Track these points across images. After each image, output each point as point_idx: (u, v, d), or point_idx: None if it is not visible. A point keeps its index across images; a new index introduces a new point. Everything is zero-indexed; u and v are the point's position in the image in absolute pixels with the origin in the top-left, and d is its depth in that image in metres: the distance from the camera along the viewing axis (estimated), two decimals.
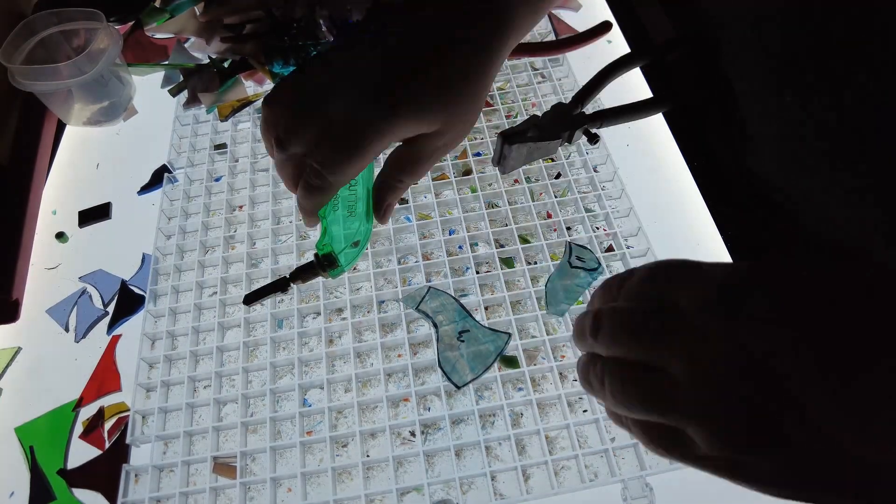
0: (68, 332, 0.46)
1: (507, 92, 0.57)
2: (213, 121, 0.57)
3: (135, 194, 0.53)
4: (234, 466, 0.39)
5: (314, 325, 0.44)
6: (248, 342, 0.43)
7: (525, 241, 0.46)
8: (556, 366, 0.40)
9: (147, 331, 0.44)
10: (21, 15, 0.59)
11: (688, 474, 0.36)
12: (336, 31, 0.61)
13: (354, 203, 0.37)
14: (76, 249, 0.51)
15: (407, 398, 0.40)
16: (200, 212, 0.51)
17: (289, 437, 0.40)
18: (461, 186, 0.50)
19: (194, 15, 0.65)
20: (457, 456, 0.38)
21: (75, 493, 0.38)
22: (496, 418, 0.39)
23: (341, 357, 0.43)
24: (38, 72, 0.50)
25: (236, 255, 0.48)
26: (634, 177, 0.49)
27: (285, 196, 0.52)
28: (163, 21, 0.65)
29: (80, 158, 0.57)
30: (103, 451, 0.40)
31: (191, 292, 0.47)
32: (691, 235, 0.46)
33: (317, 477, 0.38)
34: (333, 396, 0.41)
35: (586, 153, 0.51)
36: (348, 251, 0.37)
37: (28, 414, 0.42)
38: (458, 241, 0.47)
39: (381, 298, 0.45)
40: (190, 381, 0.42)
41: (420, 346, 0.43)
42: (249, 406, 0.42)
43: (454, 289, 0.44)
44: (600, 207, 0.48)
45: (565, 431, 0.38)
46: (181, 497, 0.37)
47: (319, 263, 0.36)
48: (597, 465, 0.37)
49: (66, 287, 0.48)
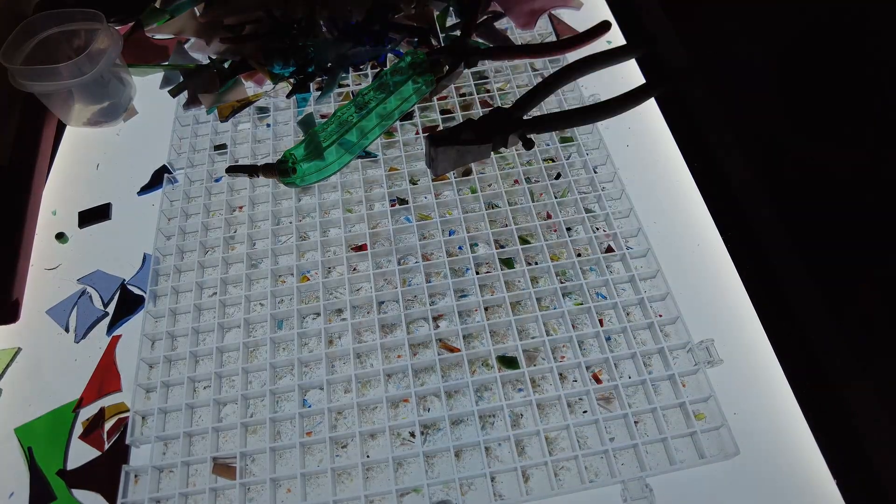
0: (68, 332, 0.46)
1: (507, 92, 0.57)
2: (213, 121, 0.57)
3: (135, 195, 0.53)
4: (234, 467, 0.39)
5: (314, 325, 0.44)
6: (247, 343, 0.43)
7: (525, 242, 0.46)
8: (556, 366, 0.40)
9: (147, 331, 0.44)
10: (21, 15, 0.59)
11: (688, 475, 0.36)
12: (336, 32, 0.61)
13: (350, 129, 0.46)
14: (76, 250, 0.51)
15: (406, 399, 0.40)
16: (200, 212, 0.51)
17: (288, 438, 0.40)
18: (461, 187, 0.50)
19: (194, 16, 0.65)
20: (456, 457, 0.38)
21: (75, 494, 0.38)
22: (496, 419, 0.39)
23: (341, 358, 0.43)
24: (38, 72, 0.50)
25: (236, 256, 0.48)
26: (634, 177, 0.49)
27: (285, 196, 0.52)
28: (163, 22, 0.65)
29: (81, 159, 0.57)
30: (103, 452, 0.40)
31: (190, 293, 0.47)
32: (691, 235, 0.46)
33: (316, 478, 0.38)
34: (333, 397, 0.41)
35: (586, 153, 0.51)
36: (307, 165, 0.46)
37: (28, 414, 0.42)
38: (458, 241, 0.47)
39: (381, 299, 0.45)
40: (190, 382, 0.42)
41: (420, 346, 0.43)
42: (249, 407, 0.42)
43: (454, 289, 0.44)
44: (600, 208, 0.48)
45: (565, 432, 0.38)
46: (181, 498, 0.37)
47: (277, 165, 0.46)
48: (597, 466, 0.37)
49: (66, 287, 0.48)
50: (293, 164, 0.46)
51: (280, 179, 0.48)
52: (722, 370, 0.39)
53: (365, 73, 0.60)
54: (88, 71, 0.51)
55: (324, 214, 0.50)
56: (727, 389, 0.38)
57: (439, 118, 0.55)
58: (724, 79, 0.47)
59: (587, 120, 0.49)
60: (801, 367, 0.39)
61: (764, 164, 0.43)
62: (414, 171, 0.52)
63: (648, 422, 0.38)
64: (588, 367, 0.41)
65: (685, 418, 0.38)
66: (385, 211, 0.49)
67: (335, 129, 0.47)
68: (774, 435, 0.37)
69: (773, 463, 0.36)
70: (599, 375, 0.40)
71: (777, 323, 0.41)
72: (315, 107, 0.57)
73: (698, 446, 0.37)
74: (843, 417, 0.37)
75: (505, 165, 0.52)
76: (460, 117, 0.55)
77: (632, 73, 0.56)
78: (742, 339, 0.41)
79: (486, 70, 0.59)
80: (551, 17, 0.63)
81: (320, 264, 0.47)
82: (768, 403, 0.38)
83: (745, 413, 0.38)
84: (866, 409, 0.36)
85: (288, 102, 0.58)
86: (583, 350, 0.41)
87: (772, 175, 0.42)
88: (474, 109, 0.55)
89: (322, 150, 0.46)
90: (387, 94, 0.50)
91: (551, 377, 0.41)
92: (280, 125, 0.57)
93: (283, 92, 0.59)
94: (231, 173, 0.48)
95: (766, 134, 0.43)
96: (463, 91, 0.57)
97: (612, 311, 0.43)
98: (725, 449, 0.36)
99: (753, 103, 0.44)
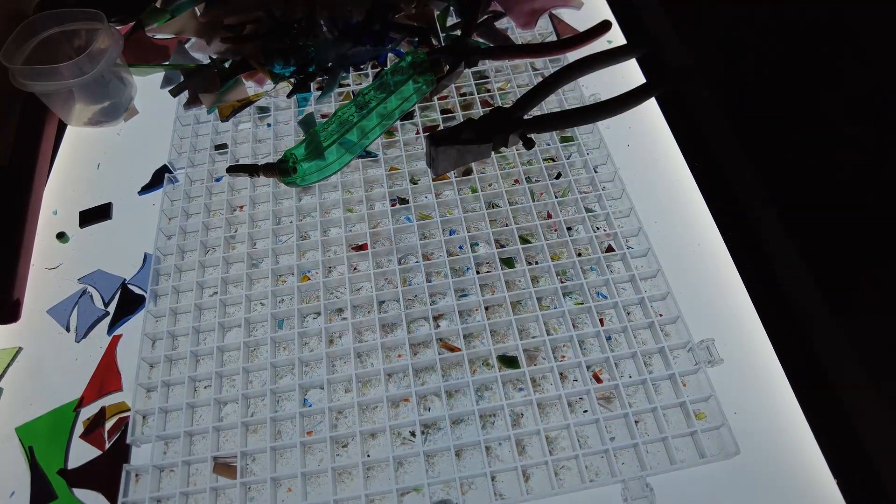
0: (69, 332, 0.46)
1: (507, 92, 0.57)
2: (214, 121, 0.57)
3: (135, 194, 0.53)
4: (235, 466, 0.39)
5: (314, 325, 0.44)
6: (248, 342, 0.43)
7: (525, 242, 0.46)
8: (556, 366, 0.40)
9: (147, 331, 0.45)
10: (22, 15, 0.59)
11: (689, 475, 0.36)
12: (337, 32, 0.61)
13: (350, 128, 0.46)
14: (77, 250, 0.51)
15: (407, 398, 0.40)
16: (201, 212, 0.51)
17: (289, 438, 0.40)
18: (461, 187, 0.50)
19: (195, 15, 0.65)
20: (457, 456, 0.38)
21: (76, 493, 0.38)
22: (496, 418, 0.39)
23: (341, 357, 0.43)
24: (39, 72, 0.50)
25: (237, 256, 0.48)
26: (635, 177, 0.49)
27: (286, 196, 0.52)
28: (163, 21, 0.65)
29: (81, 159, 0.57)
30: (104, 451, 0.40)
31: (191, 292, 0.47)
32: (691, 235, 0.46)
33: (317, 477, 0.38)
34: (333, 396, 0.41)
35: (587, 153, 0.51)
36: (308, 165, 0.46)
37: (28, 414, 0.42)
38: (459, 241, 0.47)
39: (382, 299, 0.45)
40: (190, 381, 0.42)
41: (420, 346, 0.43)
42: (249, 406, 0.42)
43: (455, 289, 0.44)
44: (601, 207, 0.48)
45: (565, 432, 0.38)
46: (181, 497, 0.37)
47: (277, 164, 0.46)
48: (597, 466, 0.37)
49: (67, 287, 0.48)
50: (294, 164, 0.46)
51: (281, 179, 0.48)
52: (722, 370, 0.39)
53: (365, 72, 0.60)
54: (89, 71, 0.51)
55: (324, 214, 0.50)
56: (727, 389, 0.38)
57: (440, 118, 0.55)
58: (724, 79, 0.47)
59: (587, 120, 0.49)
60: (801, 367, 0.39)
61: (764, 164, 0.43)
62: (414, 171, 0.52)
63: (649, 421, 0.38)
64: (588, 366, 0.41)
65: (685, 418, 0.38)
66: (386, 210, 0.49)
67: (336, 128, 0.47)
68: (774, 435, 0.37)
69: (773, 463, 0.36)
70: (600, 375, 0.40)
71: (777, 323, 0.41)
72: (315, 106, 0.57)
73: (699, 446, 0.37)
74: (843, 417, 0.37)
75: (505, 165, 0.52)
76: (461, 117, 0.55)
77: (632, 73, 0.56)
78: (742, 339, 0.41)
79: (486, 70, 0.59)
80: (552, 17, 0.63)
81: (321, 264, 0.47)
82: (768, 403, 0.38)
83: (746, 413, 0.38)
84: (866, 409, 0.36)
85: (288, 102, 0.58)
86: (583, 349, 0.41)
87: (772, 175, 0.42)
88: (475, 109, 0.55)
89: (322, 150, 0.47)
90: (387, 93, 0.50)
91: (552, 377, 0.41)
92: (280, 125, 0.57)
93: (284, 92, 0.59)
94: (232, 173, 0.48)
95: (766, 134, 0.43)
96: (463, 91, 0.57)
97: (612, 310, 0.43)
98: (726, 448, 0.36)
99: (753, 103, 0.44)
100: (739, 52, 0.46)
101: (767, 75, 0.43)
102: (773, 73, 0.42)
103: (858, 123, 0.36)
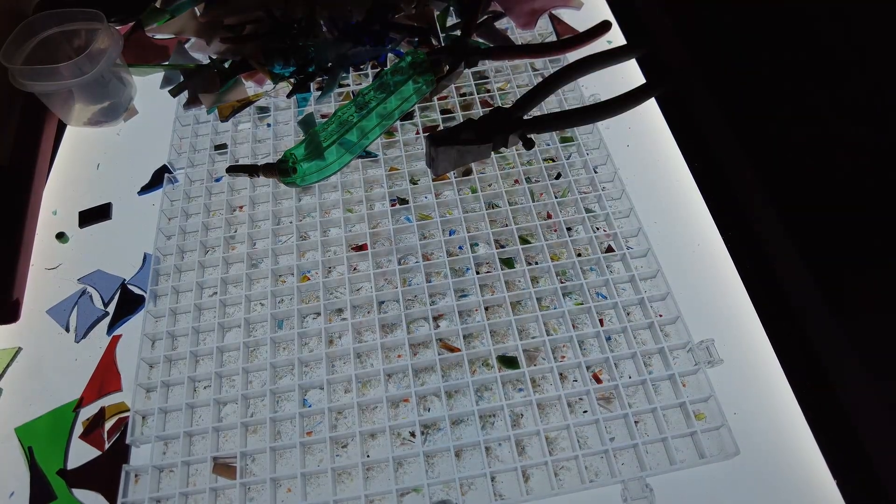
0: (68, 332, 0.46)
1: (507, 92, 0.57)
2: (214, 121, 0.57)
3: (135, 195, 0.53)
4: (234, 467, 0.39)
5: (314, 325, 0.44)
6: (248, 342, 0.43)
7: (525, 242, 0.46)
8: (556, 366, 0.40)
9: (147, 331, 0.44)
10: (22, 15, 0.59)
11: (688, 475, 0.36)
12: (336, 32, 0.61)
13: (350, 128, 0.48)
14: (76, 250, 0.51)
15: (407, 399, 0.40)
16: (201, 212, 0.51)
17: (289, 438, 0.40)
18: (461, 187, 0.50)
19: (194, 15, 0.65)
20: (456, 456, 0.38)
21: (75, 494, 0.38)
22: (496, 419, 0.39)
23: (341, 357, 0.43)
24: (38, 72, 0.50)
25: (236, 256, 0.48)
26: (635, 177, 0.49)
27: (286, 196, 0.52)
28: (163, 22, 0.65)
29: (81, 159, 0.57)
30: (103, 452, 0.40)
31: (191, 293, 0.47)
32: (691, 235, 0.46)
33: (317, 477, 0.38)
34: (333, 397, 0.41)
35: (587, 153, 0.51)
36: (308, 165, 0.46)
37: (28, 414, 0.42)
38: (459, 241, 0.47)
39: (382, 299, 0.45)
40: (190, 382, 0.42)
41: (420, 346, 0.43)
42: (249, 406, 0.42)
43: (454, 289, 0.44)
44: (600, 208, 0.48)
45: (565, 432, 0.38)
46: (181, 497, 0.37)
47: (277, 164, 0.46)
48: (597, 466, 0.37)
49: (67, 287, 0.48)
50: (293, 164, 0.46)
51: (280, 179, 0.48)
52: (722, 370, 0.39)
53: (365, 72, 0.60)
54: (89, 71, 0.51)
55: (324, 214, 0.50)
56: (727, 389, 0.38)
57: (440, 118, 0.55)
58: (724, 79, 0.47)
59: (587, 120, 0.49)
60: (800, 367, 0.39)
61: (764, 164, 0.43)
62: (414, 171, 0.52)
63: (649, 422, 0.38)
64: (588, 366, 0.41)
65: (685, 418, 0.38)
66: (385, 211, 0.49)
67: (335, 128, 0.47)
68: (774, 435, 0.37)
69: (773, 463, 0.36)
70: (600, 375, 0.40)
71: (777, 323, 0.41)
72: (315, 107, 0.57)
73: (698, 446, 0.37)
74: (842, 417, 0.37)
75: (505, 165, 0.52)
76: (461, 117, 0.55)
77: (632, 73, 0.56)
78: (742, 339, 0.41)
79: (486, 70, 0.59)
80: (551, 17, 0.63)
81: (320, 264, 0.47)
82: (768, 403, 0.38)
83: (745, 413, 0.38)
84: (866, 409, 0.36)
85: (288, 102, 0.58)
86: (583, 350, 0.41)
87: (772, 175, 0.42)
88: (474, 109, 0.55)
89: (322, 150, 0.47)
90: (387, 93, 0.50)
91: (551, 377, 0.41)
92: (280, 125, 0.57)
93: (284, 92, 0.59)
94: (231, 173, 0.48)
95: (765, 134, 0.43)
96: (463, 91, 0.57)
97: (612, 310, 0.43)
98: (725, 449, 0.36)
99: (753, 103, 0.44)
100: (739, 52, 0.46)
101: (767, 75, 0.43)
102: (773, 73, 0.42)
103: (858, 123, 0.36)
